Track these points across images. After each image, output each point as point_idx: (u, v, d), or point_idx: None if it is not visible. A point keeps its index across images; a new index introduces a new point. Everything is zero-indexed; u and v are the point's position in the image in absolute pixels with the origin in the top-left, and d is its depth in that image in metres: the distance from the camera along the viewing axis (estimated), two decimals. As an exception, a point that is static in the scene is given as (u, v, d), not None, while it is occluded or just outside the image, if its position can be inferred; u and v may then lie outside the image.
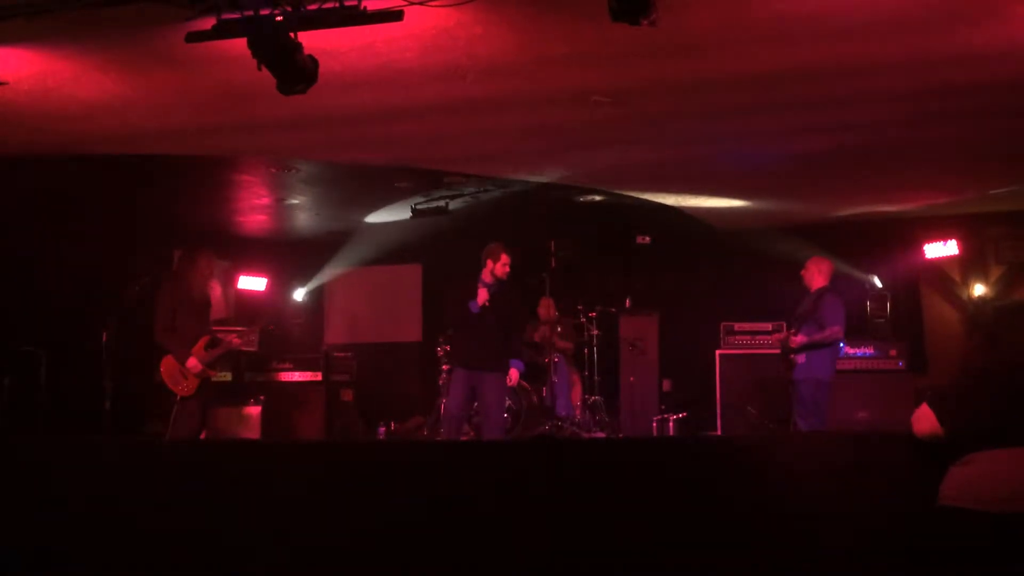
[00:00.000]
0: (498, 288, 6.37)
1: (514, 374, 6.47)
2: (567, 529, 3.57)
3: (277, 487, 3.84)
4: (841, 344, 6.72)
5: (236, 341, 6.59)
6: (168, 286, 6.31)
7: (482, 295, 6.28)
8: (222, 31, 3.90)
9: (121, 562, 3.70)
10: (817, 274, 6.64)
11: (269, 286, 10.01)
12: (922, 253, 8.93)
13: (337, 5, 3.84)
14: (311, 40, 4.01)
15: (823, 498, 3.55)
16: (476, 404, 6.58)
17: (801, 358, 6.40)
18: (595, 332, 8.63)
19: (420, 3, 3.82)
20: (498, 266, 6.34)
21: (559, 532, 3.58)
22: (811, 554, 3.43)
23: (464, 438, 6.89)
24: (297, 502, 3.78)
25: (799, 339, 6.41)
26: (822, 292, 6.54)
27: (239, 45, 3.91)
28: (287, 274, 10.38)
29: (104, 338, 6.72)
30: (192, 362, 6.05)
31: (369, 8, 3.80)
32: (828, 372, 6.41)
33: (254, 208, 8.75)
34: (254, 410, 8.13)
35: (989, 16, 4.20)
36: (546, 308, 8.77)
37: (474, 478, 3.76)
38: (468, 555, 3.57)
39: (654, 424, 8.30)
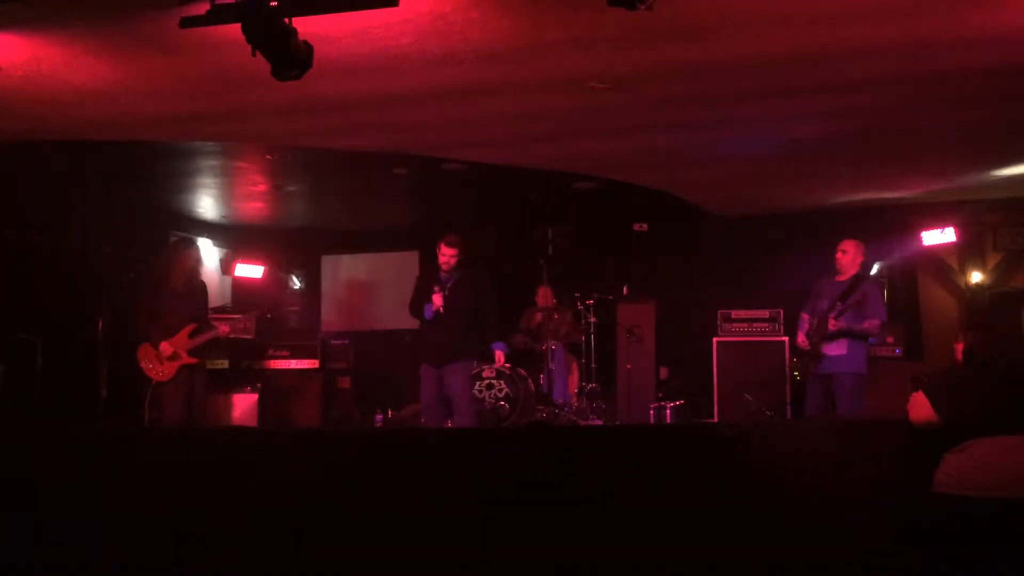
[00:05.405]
0: (457, 279, 6.23)
1: (499, 356, 6.44)
2: (563, 516, 3.58)
3: (273, 475, 3.84)
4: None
5: (224, 329, 6.55)
6: (148, 278, 6.43)
7: (436, 300, 6.14)
8: (216, 16, 3.87)
9: (111, 549, 3.70)
10: (856, 259, 6.42)
11: (266, 273, 9.99)
12: (919, 240, 8.92)
13: (332, -10, 3.82)
14: (306, 25, 3.99)
15: (819, 484, 3.57)
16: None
17: (841, 349, 6.14)
18: (592, 320, 8.63)
19: (415, -12, 3.79)
20: (440, 260, 6.22)
21: (555, 519, 3.58)
22: (807, 540, 3.44)
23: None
24: (293, 490, 3.79)
25: (840, 323, 6.10)
26: (859, 279, 6.37)
27: (233, 30, 3.88)
28: (284, 261, 10.36)
29: (100, 326, 6.71)
30: (164, 345, 6.08)
31: (365, -7, 3.78)
32: (866, 365, 6.27)
33: (250, 195, 8.71)
34: (251, 397, 8.14)
35: (986, 0, 4.18)
36: (544, 296, 8.77)
37: (471, 465, 3.77)
38: (465, 542, 3.58)
39: (651, 411, 8.30)
